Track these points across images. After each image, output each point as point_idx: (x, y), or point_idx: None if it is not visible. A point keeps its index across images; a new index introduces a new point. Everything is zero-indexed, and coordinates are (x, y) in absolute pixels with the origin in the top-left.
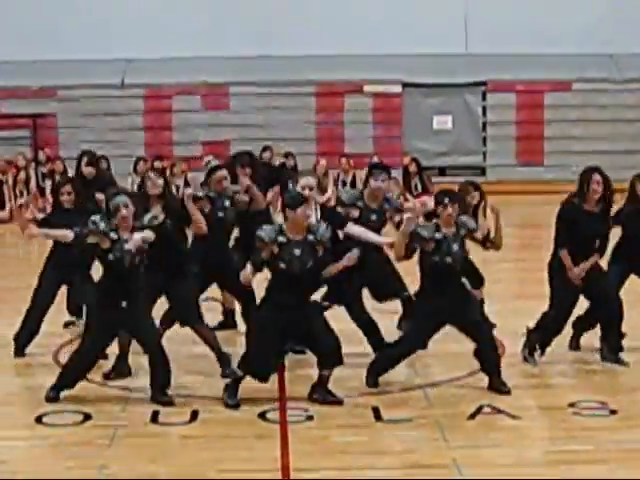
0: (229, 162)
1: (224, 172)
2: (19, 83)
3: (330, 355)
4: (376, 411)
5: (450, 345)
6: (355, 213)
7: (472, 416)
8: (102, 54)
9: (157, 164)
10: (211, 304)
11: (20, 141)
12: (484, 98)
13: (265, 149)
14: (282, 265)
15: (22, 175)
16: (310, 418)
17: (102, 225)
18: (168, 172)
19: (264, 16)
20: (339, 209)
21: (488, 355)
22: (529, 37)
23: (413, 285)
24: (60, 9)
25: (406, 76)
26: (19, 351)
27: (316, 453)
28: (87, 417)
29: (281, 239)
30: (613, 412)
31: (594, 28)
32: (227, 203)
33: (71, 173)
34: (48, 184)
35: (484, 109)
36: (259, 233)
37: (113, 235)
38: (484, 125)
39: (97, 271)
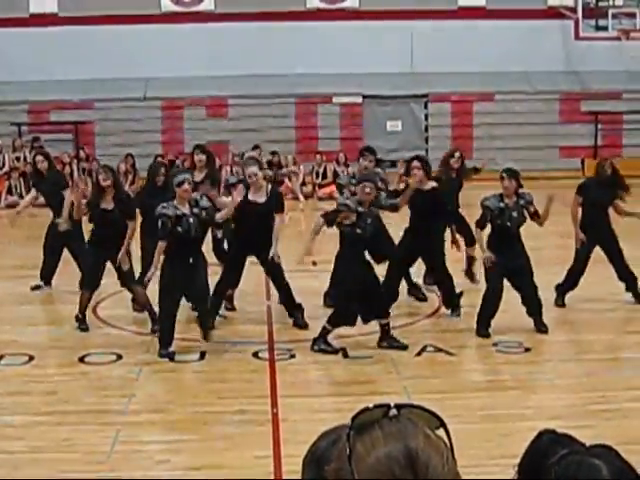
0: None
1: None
2: (64, 97)
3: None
4: (344, 351)
5: (400, 298)
6: (351, 188)
7: (418, 354)
8: (128, 74)
9: (178, 161)
10: None
11: (65, 143)
12: (426, 107)
13: (255, 147)
14: (358, 230)
15: (67, 169)
16: (293, 356)
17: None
18: (181, 166)
19: (255, 44)
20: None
21: (532, 302)
22: (461, 59)
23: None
24: (96, 40)
25: (365, 90)
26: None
27: (297, 383)
28: (119, 357)
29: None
30: (527, 350)
31: (511, 51)
32: None
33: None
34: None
35: (426, 115)
36: (347, 202)
37: (178, 212)
38: (426, 127)
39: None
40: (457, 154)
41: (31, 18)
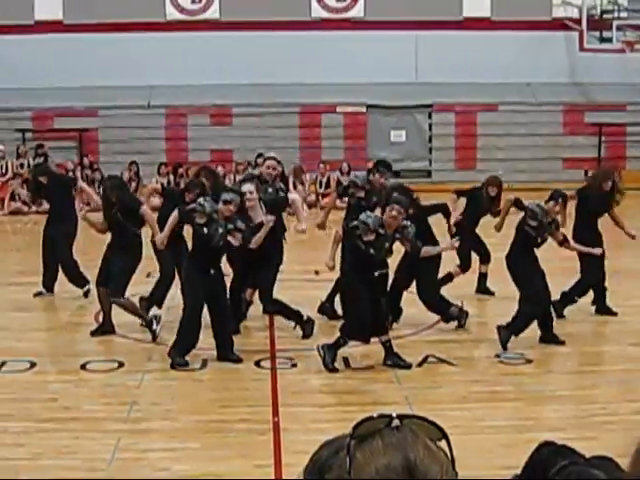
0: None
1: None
2: (68, 104)
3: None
4: (346, 360)
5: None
6: (361, 193)
7: (420, 364)
8: (133, 82)
9: (180, 170)
10: None
11: (69, 150)
12: (430, 117)
13: (259, 156)
14: (371, 251)
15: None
16: (294, 365)
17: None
18: (184, 174)
19: (260, 53)
20: (351, 188)
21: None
22: (465, 69)
23: None
24: (101, 47)
25: (370, 99)
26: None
27: (299, 392)
28: (121, 365)
29: (381, 231)
30: (529, 361)
31: (515, 62)
32: None
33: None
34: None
35: (430, 125)
36: (367, 220)
37: (214, 215)
38: (430, 138)
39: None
40: (494, 190)
41: (36, 25)
